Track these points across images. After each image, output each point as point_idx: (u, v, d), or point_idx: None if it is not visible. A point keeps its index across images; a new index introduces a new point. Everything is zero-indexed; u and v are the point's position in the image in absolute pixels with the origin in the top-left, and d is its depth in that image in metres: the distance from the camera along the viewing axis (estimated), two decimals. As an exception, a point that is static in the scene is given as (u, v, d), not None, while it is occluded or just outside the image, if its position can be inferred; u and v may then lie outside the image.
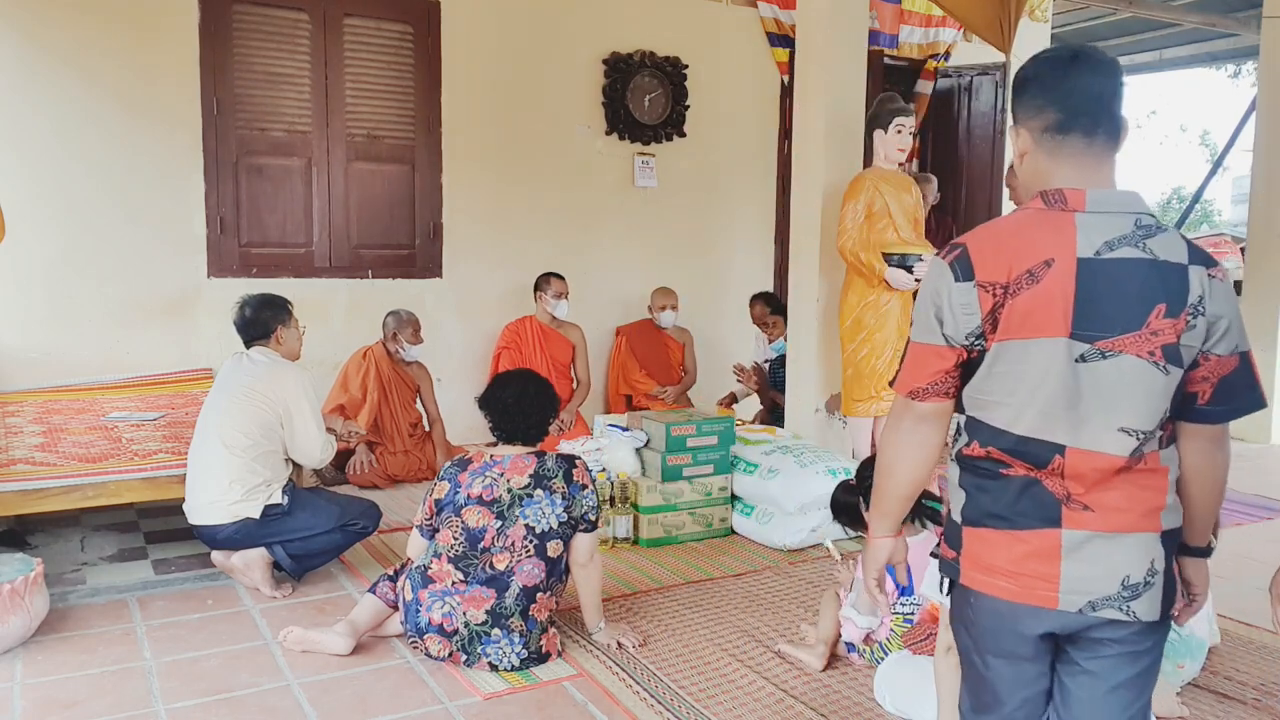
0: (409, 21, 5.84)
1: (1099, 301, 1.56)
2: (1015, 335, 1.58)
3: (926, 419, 1.69)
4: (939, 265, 1.65)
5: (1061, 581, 1.61)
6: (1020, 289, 1.57)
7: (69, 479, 3.64)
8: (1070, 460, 1.59)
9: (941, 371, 1.65)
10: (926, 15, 7.48)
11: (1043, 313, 1.56)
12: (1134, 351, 1.56)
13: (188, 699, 2.83)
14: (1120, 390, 1.57)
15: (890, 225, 4.87)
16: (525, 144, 6.22)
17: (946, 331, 1.63)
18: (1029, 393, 1.59)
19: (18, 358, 5.05)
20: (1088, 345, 1.56)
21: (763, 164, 7.11)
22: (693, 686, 2.95)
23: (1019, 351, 1.59)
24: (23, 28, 4.98)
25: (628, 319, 6.55)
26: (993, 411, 1.64)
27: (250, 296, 3.87)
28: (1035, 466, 1.62)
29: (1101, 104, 1.64)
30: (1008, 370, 1.60)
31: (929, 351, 1.66)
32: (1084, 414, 1.58)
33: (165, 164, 5.29)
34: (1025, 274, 1.57)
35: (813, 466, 4.30)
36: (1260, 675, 3.08)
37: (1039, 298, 1.56)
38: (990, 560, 1.66)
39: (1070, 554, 1.60)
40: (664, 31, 6.61)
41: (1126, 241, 1.57)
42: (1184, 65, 11.88)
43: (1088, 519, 1.60)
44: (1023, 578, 1.63)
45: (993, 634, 1.70)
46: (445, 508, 3.12)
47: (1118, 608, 1.61)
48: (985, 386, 1.64)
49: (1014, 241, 1.60)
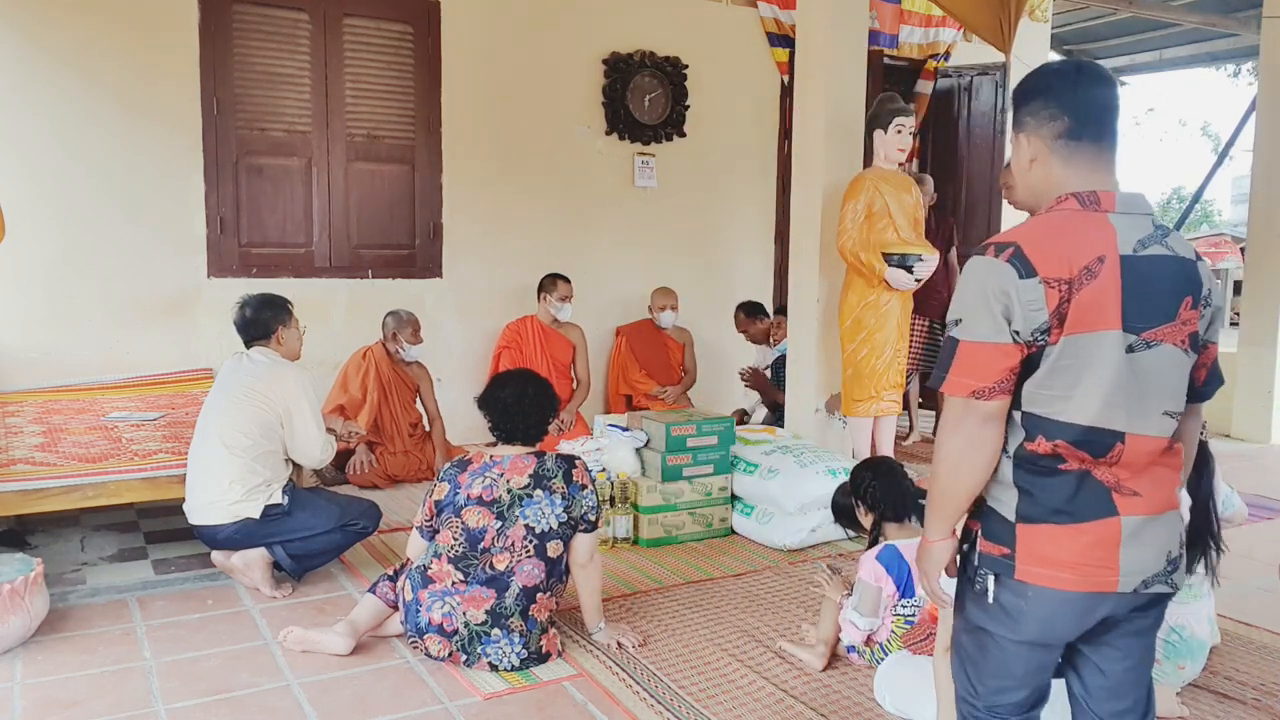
0: (409, 21, 5.84)
1: (1142, 296, 1.68)
2: (1079, 329, 1.66)
3: (992, 419, 1.71)
4: (993, 264, 1.67)
5: (1121, 565, 1.71)
6: (1083, 284, 1.65)
7: (69, 479, 3.64)
8: (1129, 446, 1.70)
9: (1008, 369, 1.68)
10: (926, 15, 7.48)
11: (1100, 307, 1.66)
12: (1171, 341, 1.70)
13: (188, 699, 2.83)
14: (1162, 377, 1.71)
15: (890, 225, 4.87)
16: (525, 144, 6.22)
17: (1015, 328, 1.66)
18: (1092, 384, 1.67)
19: (18, 358, 5.05)
20: (1135, 336, 1.68)
21: (763, 164, 7.11)
22: (693, 686, 2.95)
23: (1082, 345, 1.66)
24: (23, 28, 4.98)
25: (628, 319, 6.55)
26: (1056, 405, 1.69)
27: (250, 296, 3.86)
28: (1094, 457, 1.69)
29: (1109, 113, 1.76)
30: (1071, 364, 1.67)
31: (994, 350, 1.67)
32: (1138, 401, 1.69)
33: (165, 164, 5.29)
34: (1084, 270, 1.65)
35: (813, 466, 4.30)
36: (1260, 675, 3.08)
37: (1097, 292, 1.65)
38: (1054, 554, 1.71)
39: (1130, 539, 1.71)
40: (664, 31, 6.61)
41: (1154, 240, 1.71)
42: (1184, 65, 11.87)
43: (1138, 504, 1.72)
44: (1086, 567, 1.70)
45: (1045, 624, 1.74)
46: (445, 509, 3.12)
47: (1164, 582, 1.75)
48: (1049, 381, 1.68)
49: (1067, 239, 1.68)
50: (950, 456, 1.74)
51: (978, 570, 1.80)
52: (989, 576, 1.77)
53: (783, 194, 6.87)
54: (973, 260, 1.72)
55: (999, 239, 1.71)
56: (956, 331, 1.72)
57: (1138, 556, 1.71)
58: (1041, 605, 1.73)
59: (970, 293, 1.70)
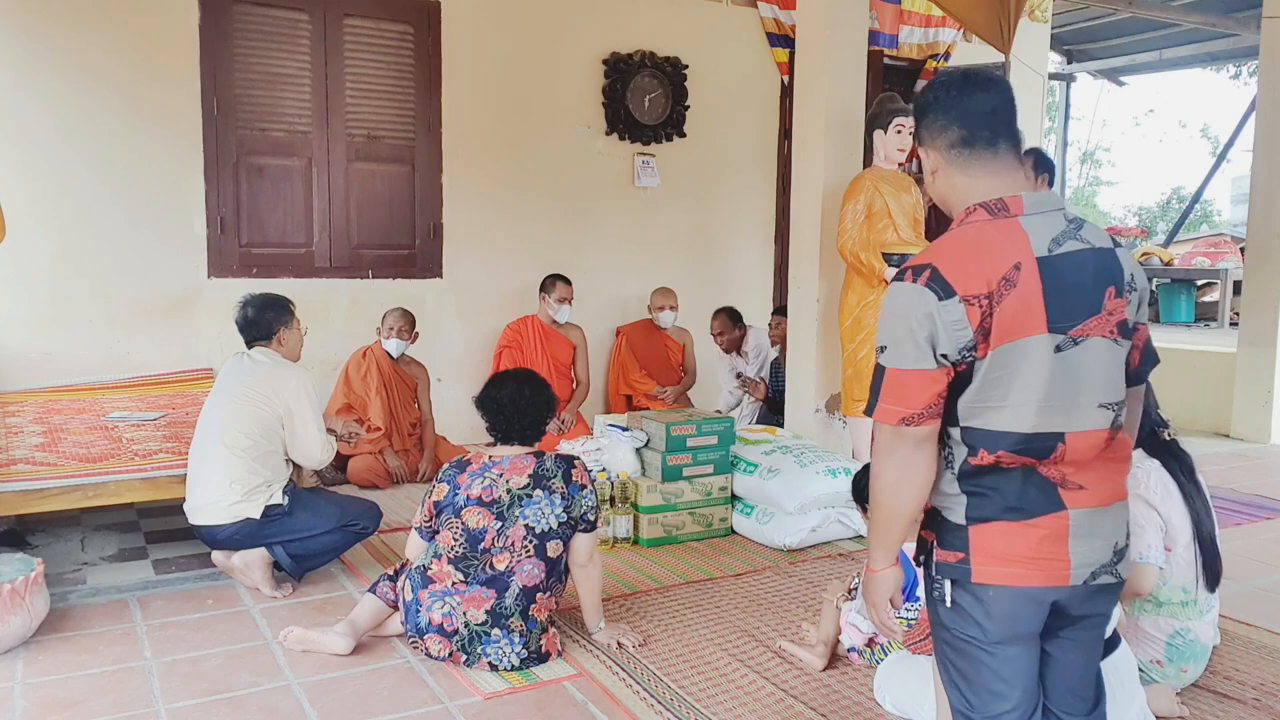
0: (409, 21, 5.84)
1: (1064, 294, 1.68)
2: (1004, 340, 1.66)
3: (924, 443, 1.72)
4: (912, 290, 1.67)
5: (1071, 558, 1.72)
6: (1003, 295, 1.65)
7: (69, 479, 3.64)
8: (1070, 445, 1.70)
9: (935, 395, 1.69)
10: (926, 15, 7.49)
11: (1024, 314, 1.66)
12: (1099, 333, 1.71)
13: (188, 699, 2.83)
14: (1095, 370, 1.71)
15: (890, 225, 4.87)
16: (525, 144, 6.22)
17: (941, 352, 1.67)
18: (1024, 391, 1.67)
19: (18, 358, 5.05)
20: (1062, 335, 1.68)
21: (763, 164, 7.11)
22: (693, 686, 2.95)
23: (1009, 354, 1.67)
24: (24, 28, 4.99)
25: (628, 319, 6.56)
26: (992, 417, 1.69)
27: (252, 296, 3.86)
28: (1038, 460, 1.71)
29: (998, 118, 1.77)
30: (1001, 374, 1.67)
31: (920, 377, 1.68)
32: (1073, 399, 1.70)
33: (165, 164, 5.30)
34: (1003, 280, 1.65)
35: (813, 466, 4.30)
36: (1260, 675, 3.08)
37: (1019, 300, 1.65)
38: (1007, 551, 1.72)
39: (1077, 532, 1.72)
40: (664, 31, 6.61)
41: (1067, 236, 1.71)
42: (1184, 65, 11.88)
43: (1084, 497, 1.73)
44: (1039, 561, 1.72)
45: (1006, 621, 1.75)
46: (444, 509, 3.12)
47: (1110, 572, 1.76)
48: (982, 395, 1.69)
49: (982, 253, 1.67)
50: (889, 484, 1.75)
51: (935, 579, 1.80)
52: (945, 583, 1.78)
53: (783, 194, 6.88)
54: (893, 285, 1.73)
55: (915, 261, 1.71)
56: (883, 359, 1.72)
57: (1087, 549, 1.73)
58: (1001, 603, 1.74)
59: (893, 319, 1.70)
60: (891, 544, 1.81)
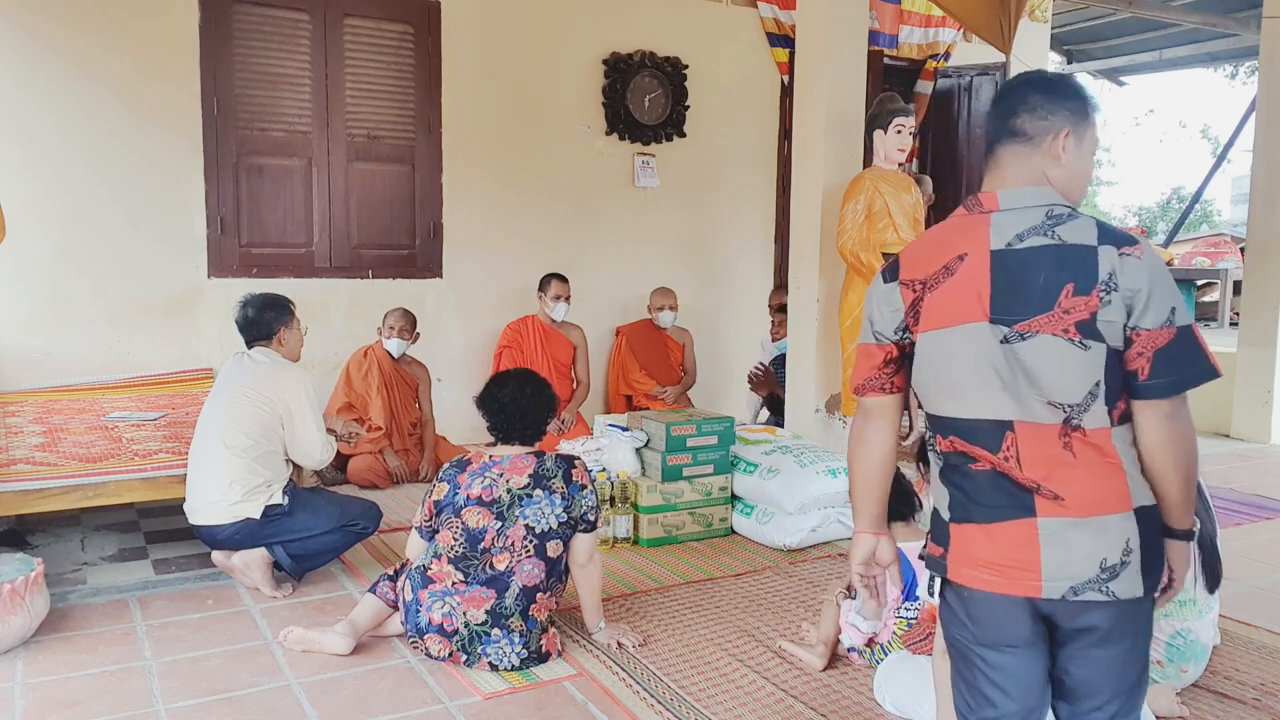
0: (409, 21, 5.84)
1: (1012, 288, 1.69)
2: (936, 325, 1.74)
3: (870, 415, 1.88)
4: (876, 277, 1.86)
5: (1043, 570, 1.68)
6: (938, 283, 1.74)
7: (69, 479, 3.64)
8: (1020, 435, 1.69)
9: (874, 367, 1.84)
10: (926, 15, 7.49)
11: (960, 302, 1.72)
12: (1049, 331, 1.67)
13: (188, 699, 2.83)
14: (1042, 368, 1.67)
15: (890, 225, 4.88)
16: (525, 144, 6.22)
17: (876, 329, 1.83)
18: (961, 376, 1.73)
19: (18, 358, 5.05)
20: (1007, 328, 1.68)
21: (763, 164, 7.11)
22: (693, 686, 2.95)
23: (943, 340, 1.74)
24: (24, 27, 4.98)
25: (628, 319, 6.56)
26: (938, 401, 1.78)
27: (253, 296, 3.86)
28: (990, 451, 1.71)
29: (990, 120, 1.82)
30: (936, 358, 1.75)
31: (864, 350, 1.86)
32: (1019, 391, 1.69)
33: (165, 164, 5.30)
34: (942, 269, 1.74)
35: (813, 466, 4.30)
36: (1260, 675, 3.08)
37: (954, 288, 1.72)
38: (975, 554, 1.74)
39: (1048, 542, 1.68)
40: (664, 31, 6.61)
41: (1036, 231, 1.70)
42: (1184, 65, 11.88)
43: (1058, 507, 1.68)
44: (1006, 568, 1.71)
45: (986, 625, 1.77)
46: (445, 509, 3.12)
47: (1097, 589, 1.68)
48: (922, 377, 1.80)
49: (935, 244, 1.78)
50: (849, 449, 1.94)
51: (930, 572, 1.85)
52: (933, 577, 1.85)
53: (783, 194, 6.88)
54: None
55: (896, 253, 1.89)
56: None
57: (1062, 560, 1.67)
58: (978, 606, 1.76)
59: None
60: (859, 508, 1.93)
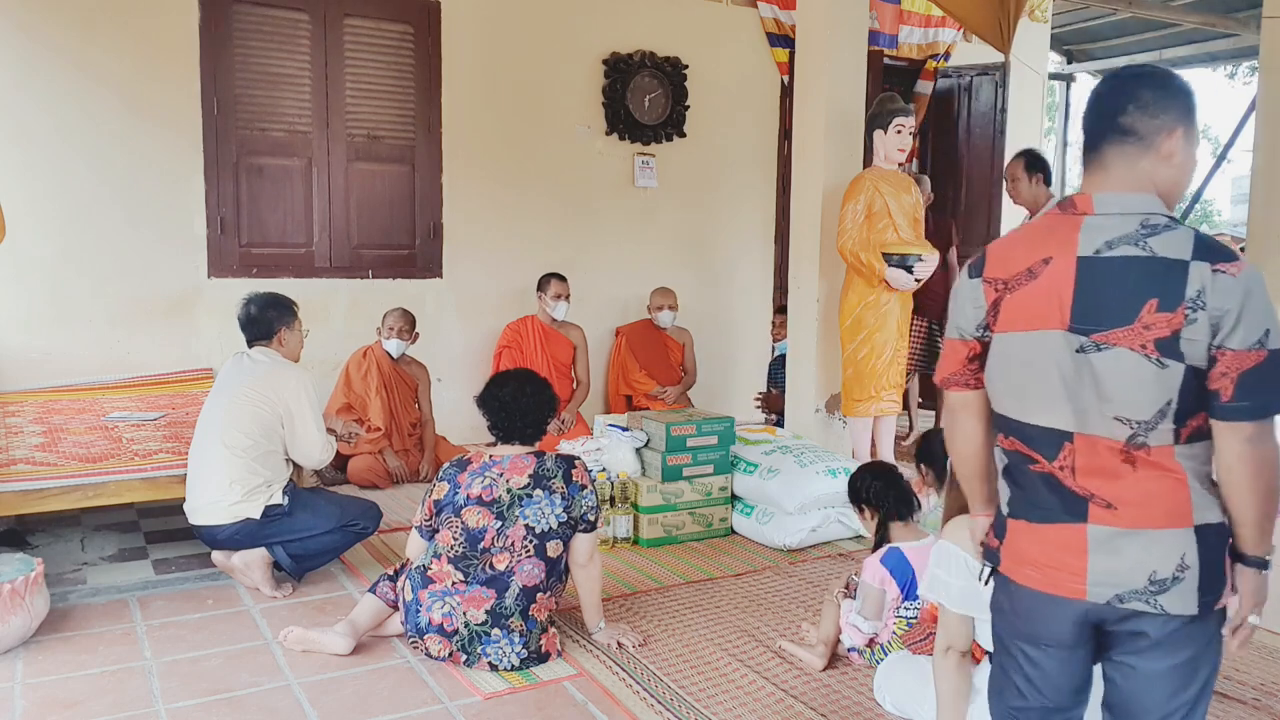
0: (409, 21, 5.84)
1: (1095, 297, 1.65)
2: (1011, 328, 1.73)
3: (956, 411, 1.89)
4: (964, 270, 1.85)
5: (1089, 574, 1.69)
6: (1019, 284, 1.71)
7: (69, 479, 3.64)
8: (1079, 447, 1.68)
9: (959, 362, 1.84)
10: (926, 15, 7.48)
11: (1039, 307, 1.69)
12: (1127, 344, 1.62)
13: (188, 699, 2.83)
14: (1115, 382, 1.64)
15: (890, 225, 4.88)
16: (525, 144, 6.22)
17: (960, 324, 1.82)
18: (1030, 382, 1.71)
19: (18, 358, 5.05)
20: (1084, 338, 1.65)
21: (763, 164, 7.11)
22: (693, 686, 2.95)
23: (1018, 343, 1.72)
24: (24, 27, 4.98)
25: (628, 319, 6.55)
26: (1005, 401, 1.78)
27: (257, 294, 3.86)
28: (1047, 459, 1.71)
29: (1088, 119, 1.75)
30: (1009, 360, 1.74)
31: (950, 345, 1.86)
32: (1085, 402, 1.67)
33: (165, 164, 5.29)
34: (1025, 271, 1.71)
35: (813, 466, 4.30)
36: (1260, 675, 3.08)
37: (1035, 292, 1.69)
38: (1025, 551, 1.77)
39: (1096, 549, 1.68)
40: (664, 31, 6.61)
41: (1127, 240, 1.64)
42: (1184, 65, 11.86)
43: (1111, 516, 1.68)
44: (1052, 569, 1.72)
45: (1028, 620, 1.80)
46: (445, 508, 3.12)
47: (1144, 601, 1.66)
48: (991, 375, 1.79)
49: (1023, 243, 1.76)
50: (947, 444, 1.96)
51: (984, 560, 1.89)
52: (986, 567, 1.88)
53: (783, 194, 6.87)
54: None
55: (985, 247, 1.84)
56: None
57: (1108, 568, 1.67)
58: (1021, 601, 1.79)
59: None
60: (970, 495, 1.94)
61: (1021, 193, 5.12)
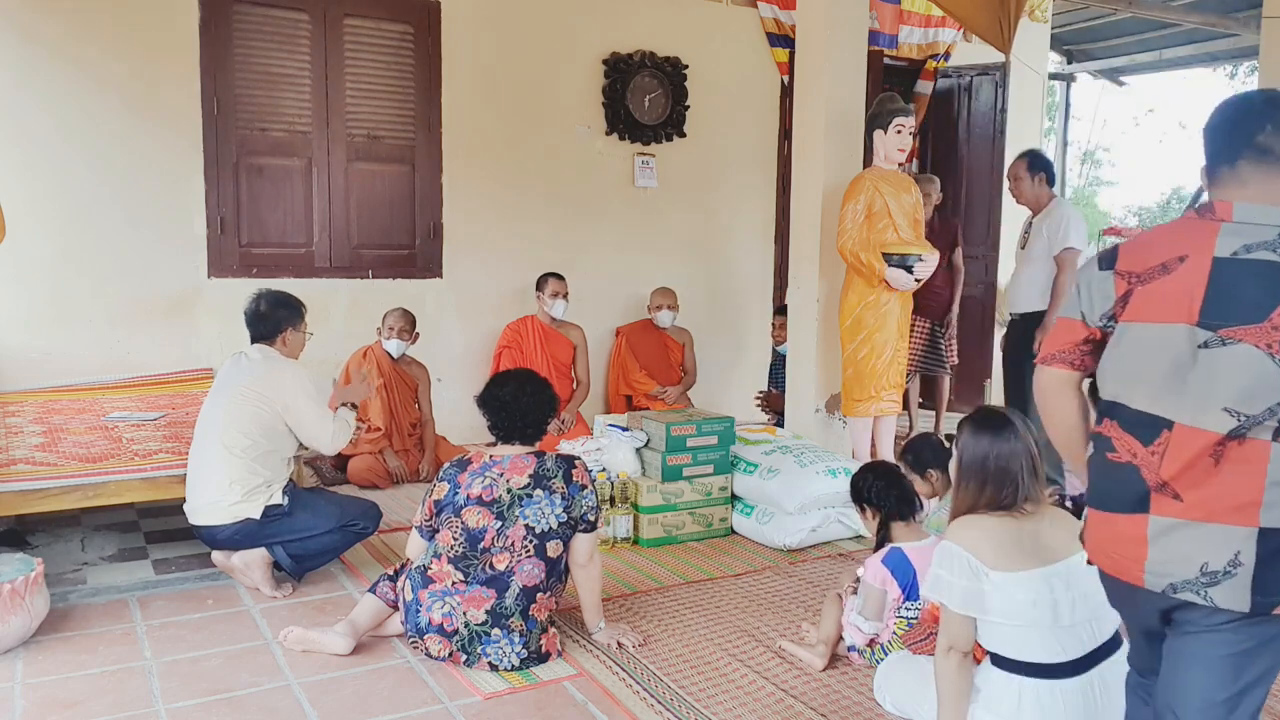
0: (409, 21, 5.84)
1: (1227, 295, 1.75)
2: (1139, 318, 1.83)
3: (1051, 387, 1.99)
4: (1090, 262, 1.97)
5: (1147, 563, 1.80)
6: (1152, 278, 1.82)
7: (69, 479, 3.64)
8: (1176, 436, 1.77)
9: (1073, 342, 1.95)
10: (926, 15, 7.48)
11: (1170, 301, 1.79)
12: (1252, 341, 1.73)
13: (188, 699, 2.83)
14: (1231, 374, 1.73)
15: (890, 225, 4.88)
16: (525, 144, 6.22)
17: (1084, 308, 1.93)
18: (1144, 370, 1.82)
19: (18, 358, 5.05)
20: (1211, 333, 1.75)
21: (763, 164, 7.11)
22: (693, 686, 2.95)
23: (1139, 332, 1.83)
24: (23, 27, 4.98)
25: (628, 319, 6.55)
26: (1116, 386, 1.88)
27: (268, 291, 3.86)
28: (1142, 443, 1.81)
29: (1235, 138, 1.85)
30: (1131, 348, 1.84)
31: (1066, 324, 1.97)
32: (1194, 394, 1.76)
33: (165, 164, 5.29)
34: (1159, 266, 1.82)
35: (813, 466, 4.30)
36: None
37: (1167, 287, 1.80)
38: (1095, 536, 1.91)
39: (1156, 539, 1.79)
40: (664, 31, 6.61)
41: (1265, 246, 1.76)
42: (1184, 65, 11.86)
43: (1175, 507, 1.77)
44: (1117, 557, 1.86)
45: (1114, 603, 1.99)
46: (445, 509, 3.12)
47: (1195, 592, 1.76)
48: (1111, 362, 1.89)
49: (1158, 242, 1.87)
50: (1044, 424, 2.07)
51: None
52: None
53: (783, 194, 6.87)
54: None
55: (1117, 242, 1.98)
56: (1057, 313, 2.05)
57: (1165, 558, 1.77)
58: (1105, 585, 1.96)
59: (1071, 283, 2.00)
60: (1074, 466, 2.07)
61: (1024, 192, 5.12)
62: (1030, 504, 2.41)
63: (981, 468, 2.41)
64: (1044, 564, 2.34)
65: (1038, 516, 2.41)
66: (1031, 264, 5.04)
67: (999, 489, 2.39)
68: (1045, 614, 2.31)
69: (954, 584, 2.32)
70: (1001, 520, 2.38)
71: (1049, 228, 4.99)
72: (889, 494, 3.15)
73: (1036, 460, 2.43)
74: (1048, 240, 4.96)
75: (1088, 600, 2.33)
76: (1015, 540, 2.35)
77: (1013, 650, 2.36)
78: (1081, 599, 2.33)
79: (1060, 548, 2.37)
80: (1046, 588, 2.31)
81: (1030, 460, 2.41)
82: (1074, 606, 2.32)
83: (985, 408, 2.67)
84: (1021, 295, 5.09)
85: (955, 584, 2.32)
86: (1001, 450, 2.40)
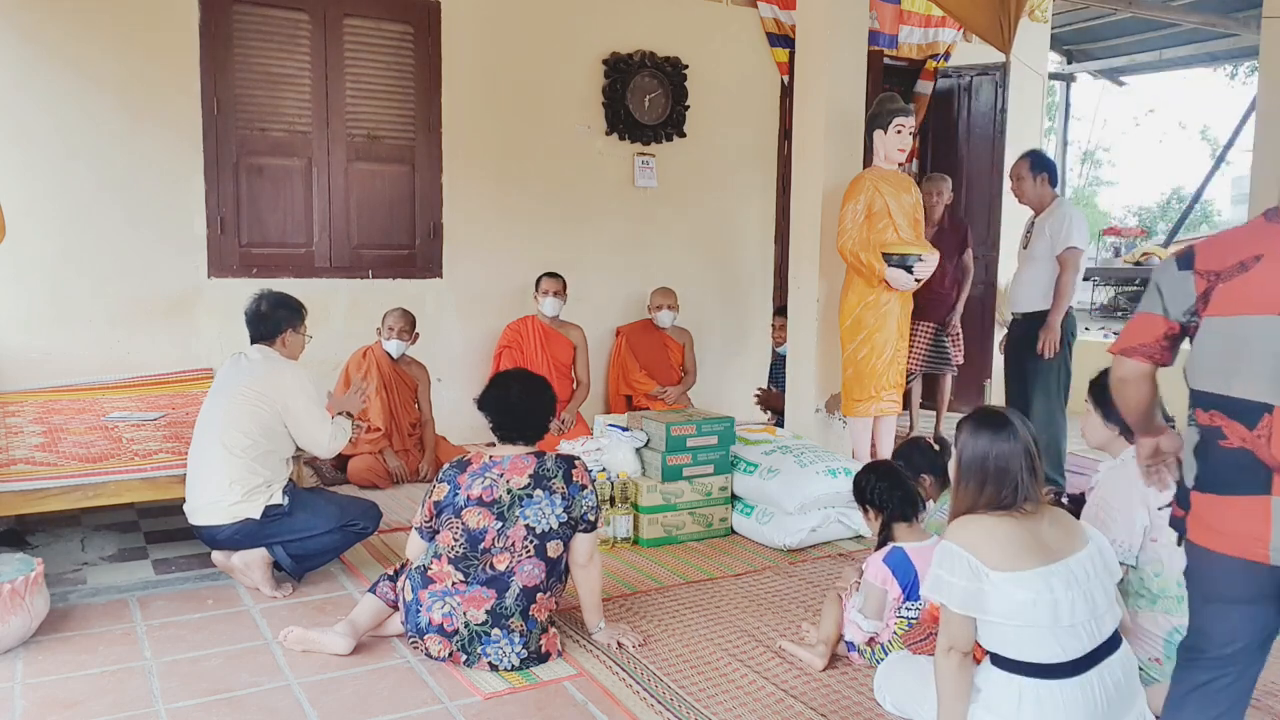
0: (409, 21, 5.84)
1: None
2: (1224, 312, 1.97)
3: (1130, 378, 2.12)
4: (1168, 260, 2.09)
5: (1272, 539, 1.92)
6: (1231, 275, 1.97)
7: (69, 479, 3.64)
8: (1277, 418, 1.90)
9: (1153, 337, 2.07)
10: (926, 15, 7.48)
11: (1254, 295, 1.93)
12: None
13: (188, 699, 2.83)
14: None
15: (890, 225, 4.88)
16: (525, 144, 6.22)
17: (1166, 304, 2.05)
18: (1241, 359, 1.94)
19: (18, 358, 5.05)
20: None
21: (763, 164, 7.11)
22: (693, 686, 2.95)
23: (1230, 325, 1.96)
24: (23, 28, 4.98)
25: (628, 319, 6.56)
26: (1210, 379, 2.00)
27: (270, 291, 3.86)
28: (1247, 427, 1.93)
29: None
30: (1217, 340, 1.98)
31: (1146, 319, 2.09)
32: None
33: (166, 164, 5.29)
34: (1237, 264, 1.96)
35: (813, 466, 4.30)
36: (1260, 675, 3.07)
37: (1249, 283, 1.94)
38: (1212, 520, 2.01)
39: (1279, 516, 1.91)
40: (664, 31, 6.61)
41: None
42: (1184, 65, 11.88)
43: None
44: (1239, 537, 1.96)
45: (1212, 582, 2.06)
46: (445, 509, 3.12)
47: None
48: (1197, 354, 2.02)
49: (1232, 243, 2.02)
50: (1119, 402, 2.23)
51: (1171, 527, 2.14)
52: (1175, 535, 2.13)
53: (783, 194, 6.87)
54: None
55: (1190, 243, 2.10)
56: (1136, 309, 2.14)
57: None
58: (1205, 564, 2.04)
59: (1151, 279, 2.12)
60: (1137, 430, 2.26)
61: (1026, 192, 5.12)
62: (1030, 504, 2.41)
63: (981, 467, 2.41)
64: (1044, 563, 2.34)
65: (1037, 516, 2.41)
66: (1034, 264, 5.04)
67: (998, 489, 2.39)
68: (1045, 614, 2.30)
69: (954, 584, 2.32)
70: (1001, 520, 2.38)
71: (1051, 227, 4.99)
72: (892, 495, 3.15)
73: (1036, 460, 2.43)
74: (1050, 240, 4.96)
75: (1088, 600, 2.33)
76: (1015, 540, 2.35)
77: (1013, 650, 2.36)
78: (1081, 598, 2.33)
79: (1060, 547, 2.38)
80: (1046, 587, 2.31)
81: (1029, 460, 2.41)
82: (1074, 606, 2.32)
83: (984, 408, 2.67)
84: (1023, 295, 5.09)
85: (955, 584, 2.32)
86: (1001, 450, 2.40)
